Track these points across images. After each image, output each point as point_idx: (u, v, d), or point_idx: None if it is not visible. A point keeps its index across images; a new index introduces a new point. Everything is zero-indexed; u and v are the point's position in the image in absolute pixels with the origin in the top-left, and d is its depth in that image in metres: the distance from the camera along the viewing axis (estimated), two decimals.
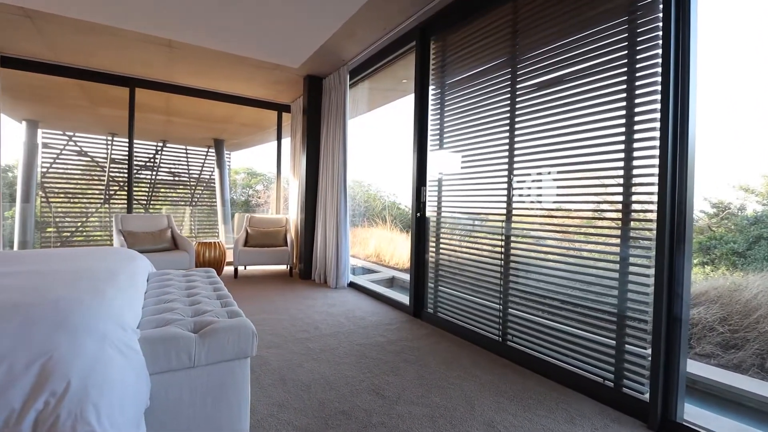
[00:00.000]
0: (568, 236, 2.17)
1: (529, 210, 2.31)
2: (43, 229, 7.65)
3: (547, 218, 2.22)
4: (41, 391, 0.89)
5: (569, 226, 2.18)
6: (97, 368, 0.98)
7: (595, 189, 1.98)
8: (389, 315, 3.23)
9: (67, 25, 3.31)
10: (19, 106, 6.43)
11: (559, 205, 2.17)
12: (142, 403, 1.09)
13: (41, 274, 1.43)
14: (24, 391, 0.89)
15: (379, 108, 5.20)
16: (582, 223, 2.22)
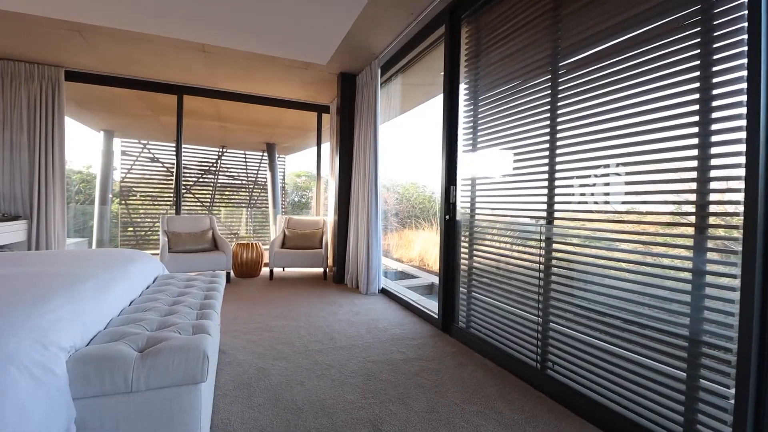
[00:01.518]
0: (626, 243, 1.72)
1: (576, 212, 1.88)
2: (124, 229, 8.45)
3: (599, 221, 1.78)
4: None
5: (625, 233, 1.73)
6: None
7: (658, 186, 1.53)
8: (415, 328, 2.93)
9: (111, 36, 3.49)
10: (96, 117, 7.14)
11: (613, 206, 1.73)
12: (55, 428, 0.94)
13: (9, 278, 1.38)
14: None
15: (425, 103, 4.90)
16: (641, 229, 1.75)
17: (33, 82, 4.19)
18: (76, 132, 10.16)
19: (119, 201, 8.25)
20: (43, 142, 4.24)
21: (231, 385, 1.96)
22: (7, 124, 4.11)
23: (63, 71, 4.31)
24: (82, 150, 9.81)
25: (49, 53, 3.97)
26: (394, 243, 8.50)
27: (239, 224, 9.79)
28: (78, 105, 6.17)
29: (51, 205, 4.33)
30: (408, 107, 4.84)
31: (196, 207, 9.01)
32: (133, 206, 8.34)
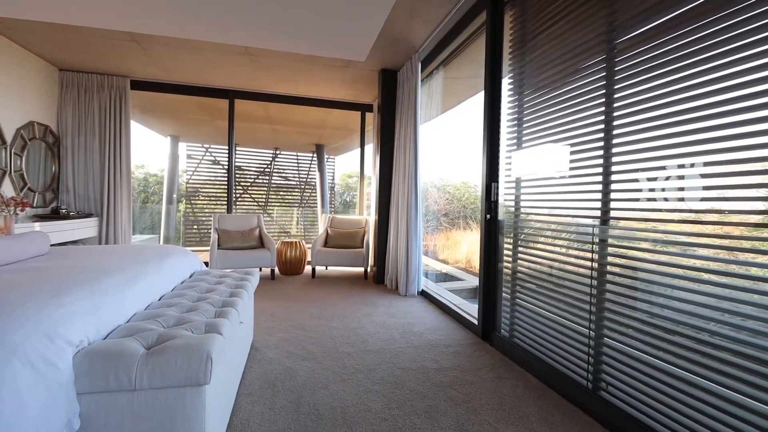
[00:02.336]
0: (704, 248, 1.43)
1: (640, 212, 1.62)
2: (190, 227, 9.11)
3: (668, 222, 1.51)
4: None
5: (704, 235, 1.44)
6: None
7: (745, 179, 1.24)
8: (453, 334, 2.75)
9: (166, 45, 3.71)
10: (162, 123, 7.74)
11: (688, 205, 1.45)
12: (53, 425, 0.94)
13: (43, 271, 1.46)
14: None
15: (474, 97, 4.66)
16: (723, 231, 1.45)
17: (103, 91, 4.60)
18: (147, 137, 11.14)
19: (185, 201, 8.91)
20: (111, 147, 4.64)
21: (257, 383, 1.94)
22: (81, 130, 4.55)
23: (129, 81, 4.68)
24: (155, 154, 10.73)
25: (115, 65, 4.32)
26: (440, 244, 8.27)
27: (291, 223, 10.14)
28: (144, 112, 6.72)
29: (118, 204, 4.72)
30: (455, 102, 4.63)
31: (253, 206, 9.47)
32: (198, 206, 8.93)
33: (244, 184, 9.51)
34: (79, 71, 4.51)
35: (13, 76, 3.77)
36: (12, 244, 1.68)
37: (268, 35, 3.17)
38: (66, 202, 4.57)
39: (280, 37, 3.18)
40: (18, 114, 3.85)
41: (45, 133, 4.29)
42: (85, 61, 4.21)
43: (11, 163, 3.77)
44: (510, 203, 2.45)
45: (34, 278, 1.33)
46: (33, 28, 3.40)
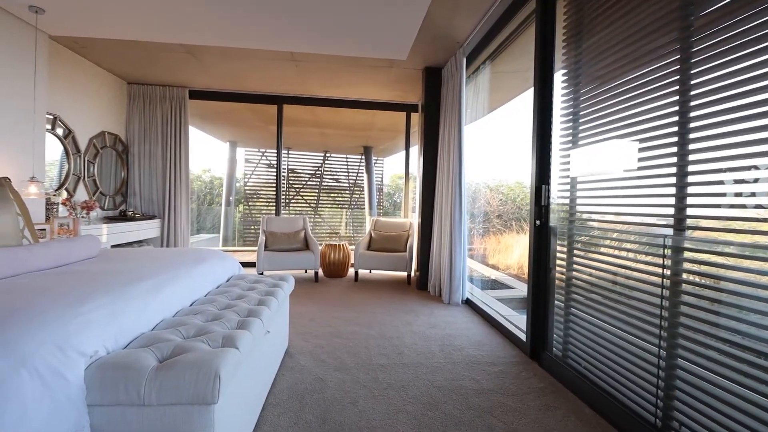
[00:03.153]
0: None
1: (723, 218, 1.33)
2: (248, 228, 9.60)
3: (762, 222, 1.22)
4: None
5: None
6: None
7: None
8: (497, 351, 2.53)
9: (217, 55, 3.86)
10: (221, 130, 8.20)
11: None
12: None
13: (79, 276, 1.51)
14: None
15: (527, 92, 4.34)
16: None
17: (165, 102, 4.93)
18: (210, 143, 11.90)
19: (244, 202, 9.39)
20: (172, 153, 4.96)
21: (286, 394, 1.90)
22: (146, 138, 4.92)
23: (187, 91, 4.98)
24: (218, 159, 11.41)
25: (175, 76, 4.61)
26: (491, 247, 7.89)
27: (340, 224, 10.31)
28: (204, 119, 7.15)
29: (178, 207, 5.04)
30: (508, 97, 4.34)
31: (305, 208, 9.75)
32: (256, 207, 9.36)
33: (296, 186, 9.83)
34: (144, 84, 4.87)
35: (87, 91, 4.15)
36: (59, 248, 1.78)
37: (309, 38, 3.16)
38: (133, 204, 4.96)
39: (319, 38, 3.16)
40: (91, 125, 4.23)
41: (115, 142, 4.69)
42: (148, 74, 4.54)
43: (85, 170, 4.15)
44: (564, 206, 2.19)
45: (67, 284, 1.38)
46: (104, 46, 3.71)
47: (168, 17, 2.87)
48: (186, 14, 2.82)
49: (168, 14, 2.82)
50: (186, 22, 2.94)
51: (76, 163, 4.02)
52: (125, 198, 4.95)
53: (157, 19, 2.90)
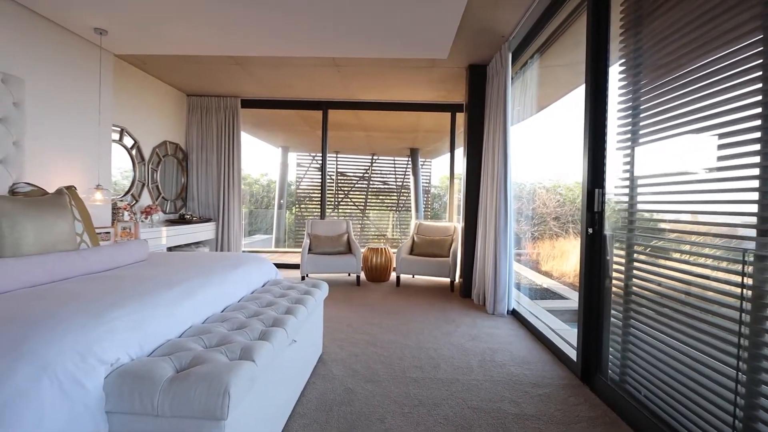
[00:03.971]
0: None
1: None
2: (300, 229, 9.94)
3: None
4: None
5: None
6: (16, 402, 0.89)
7: None
8: (544, 370, 2.32)
9: (263, 64, 4.00)
10: (274, 136, 8.55)
11: None
12: None
13: (118, 281, 1.59)
14: None
15: (582, 87, 4.01)
16: None
17: (220, 111, 5.22)
18: (264, 149, 12.48)
19: (296, 205, 9.74)
20: (225, 159, 5.24)
21: (314, 404, 1.87)
22: (203, 146, 5.24)
23: (239, 100, 5.23)
24: (273, 164, 11.94)
25: (227, 87, 4.86)
26: (545, 253, 7.41)
27: (387, 227, 10.31)
28: (258, 127, 7.50)
29: (232, 210, 5.30)
30: (563, 92, 4.03)
31: (354, 210, 9.89)
32: (308, 209, 9.65)
33: (345, 189, 9.99)
34: (201, 95, 5.20)
35: (151, 103, 4.50)
36: (109, 253, 1.91)
37: (348, 42, 3.14)
38: (191, 208, 5.30)
39: (357, 42, 3.13)
40: (154, 135, 4.58)
41: (176, 150, 5.05)
42: (204, 86, 4.83)
43: (149, 177, 4.50)
44: (623, 211, 1.94)
45: (102, 289, 1.46)
46: (164, 62, 4.00)
47: (217, 32, 3.01)
48: (233, 28, 2.93)
49: (217, 30, 2.96)
50: (234, 36, 3.07)
51: (141, 170, 4.37)
52: (185, 202, 5.30)
53: (207, 35, 3.06)
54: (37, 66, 2.72)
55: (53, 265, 1.61)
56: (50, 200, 1.99)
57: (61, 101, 2.93)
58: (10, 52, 2.54)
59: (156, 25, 2.92)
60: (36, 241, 1.74)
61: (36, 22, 2.72)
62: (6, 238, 1.62)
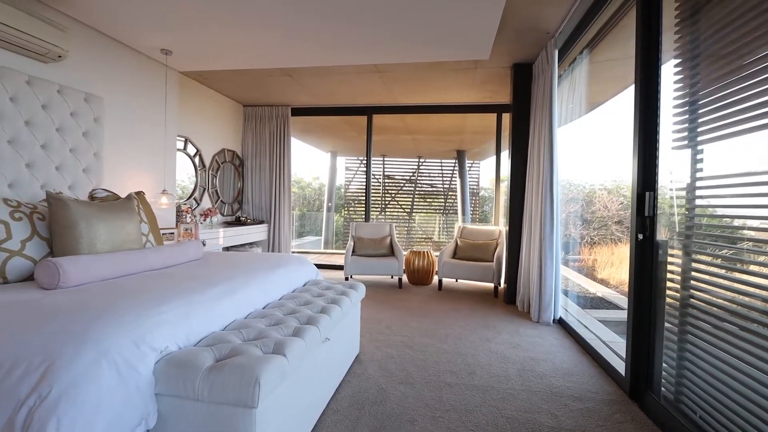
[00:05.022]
0: None
1: None
2: (348, 231, 10.21)
3: None
4: (35, 392, 1.01)
5: None
6: (80, 382, 1.04)
7: None
8: (588, 384, 2.19)
9: (310, 74, 4.19)
10: (323, 141, 8.87)
11: None
12: (126, 423, 1.09)
13: (172, 278, 1.76)
14: (29, 387, 1.03)
15: None
16: None
17: (272, 120, 5.53)
18: (314, 154, 12.94)
19: (344, 208, 10.01)
20: (277, 165, 5.54)
21: (347, 401, 1.93)
22: (257, 153, 5.58)
23: (289, 109, 5.51)
24: (323, 169, 12.36)
25: (279, 97, 5.14)
26: (602, 259, 6.93)
27: (434, 230, 10.24)
28: (307, 133, 7.82)
29: (282, 213, 5.59)
30: (619, 88, 3.78)
31: (401, 213, 9.95)
32: (356, 212, 9.88)
33: (392, 192, 10.08)
34: (255, 105, 5.55)
35: (211, 114, 4.89)
36: (168, 252, 2.12)
37: (387, 49, 3.21)
38: (246, 211, 5.66)
39: (396, 48, 3.18)
40: (214, 143, 4.97)
41: (233, 157, 5.43)
42: (258, 96, 5.15)
43: (209, 182, 4.89)
44: (679, 214, 1.80)
45: (158, 284, 1.63)
46: (222, 76, 4.33)
47: (269, 48, 3.23)
48: (283, 43, 3.13)
49: (269, 45, 3.17)
50: (284, 50, 3.27)
51: (202, 176, 4.76)
52: (240, 205, 5.68)
53: (260, 50, 3.29)
54: (113, 85, 3.09)
55: (119, 262, 1.82)
56: (121, 204, 2.25)
57: (132, 115, 3.30)
58: (92, 74, 2.91)
59: (214, 45, 3.19)
60: (107, 240, 1.98)
61: (112, 46, 3.09)
62: (83, 237, 1.87)
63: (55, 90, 2.56)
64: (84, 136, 2.76)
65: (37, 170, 2.46)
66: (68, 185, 2.66)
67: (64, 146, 2.62)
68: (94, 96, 2.84)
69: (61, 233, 1.86)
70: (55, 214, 1.87)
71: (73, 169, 2.68)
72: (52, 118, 2.54)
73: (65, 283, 1.58)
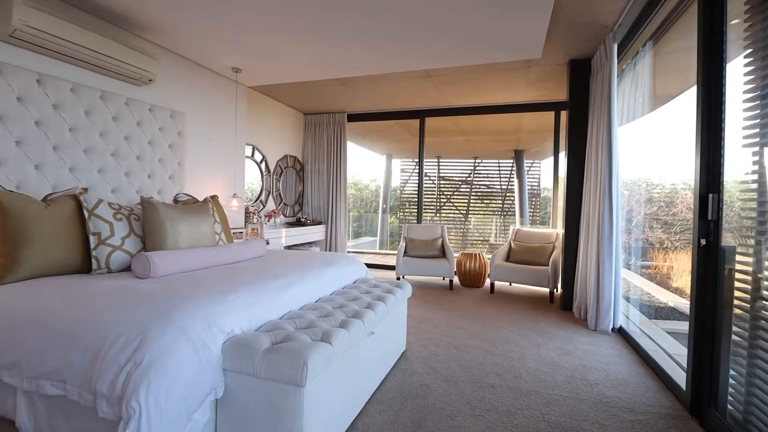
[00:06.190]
0: None
1: None
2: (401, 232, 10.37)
3: None
4: (131, 360, 1.26)
5: None
6: (164, 354, 1.26)
7: None
8: (644, 395, 2.08)
9: (364, 82, 4.38)
10: (379, 145, 9.11)
11: None
12: (199, 391, 1.30)
13: (239, 272, 2.00)
14: (126, 355, 1.28)
15: None
16: None
17: (329, 126, 5.84)
18: (370, 157, 13.26)
19: (400, 209, 10.17)
20: (334, 169, 5.83)
21: (391, 393, 2.04)
22: (316, 158, 5.92)
23: (345, 115, 5.78)
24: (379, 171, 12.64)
25: (335, 105, 5.43)
26: (681, 266, 6.30)
27: (491, 232, 10.02)
28: (364, 137, 8.09)
29: (338, 214, 5.88)
30: (693, 81, 3.49)
31: (456, 215, 9.87)
32: (412, 214, 10.00)
33: (447, 194, 10.03)
34: (314, 113, 5.90)
35: (275, 123, 5.30)
36: (235, 249, 2.40)
37: (437, 54, 3.27)
38: (306, 212, 6.04)
39: (447, 53, 3.24)
40: (277, 150, 5.38)
41: (294, 162, 5.82)
42: (317, 105, 5.49)
43: (273, 186, 5.30)
44: (750, 218, 1.66)
45: (226, 278, 1.87)
46: (285, 88, 4.70)
47: (325, 61, 3.48)
48: (338, 57, 3.36)
49: (324, 60, 3.42)
50: (339, 62, 3.50)
51: (267, 180, 5.18)
52: (301, 207, 6.07)
53: (318, 64, 3.56)
54: (192, 102, 3.52)
55: (197, 257, 2.11)
56: (198, 207, 2.58)
57: (208, 128, 3.72)
58: (175, 93, 3.35)
59: (277, 62, 3.50)
60: (187, 238, 2.30)
61: (192, 68, 3.53)
62: (169, 235, 2.20)
63: (146, 109, 3.00)
64: (170, 148, 3.19)
65: (133, 178, 2.90)
66: (157, 190, 3.09)
67: (153, 157, 3.05)
68: (177, 112, 3.27)
69: (152, 231, 2.20)
70: (147, 215, 2.22)
71: (161, 176, 3.12)
72: (144, 133, 2.98)
73: (155, 273, 1.88)
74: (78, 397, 1.30)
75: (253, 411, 1.37)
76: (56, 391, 1.34)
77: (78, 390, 1.30)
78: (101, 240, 2.05)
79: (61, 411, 1.39)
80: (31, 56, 2.31)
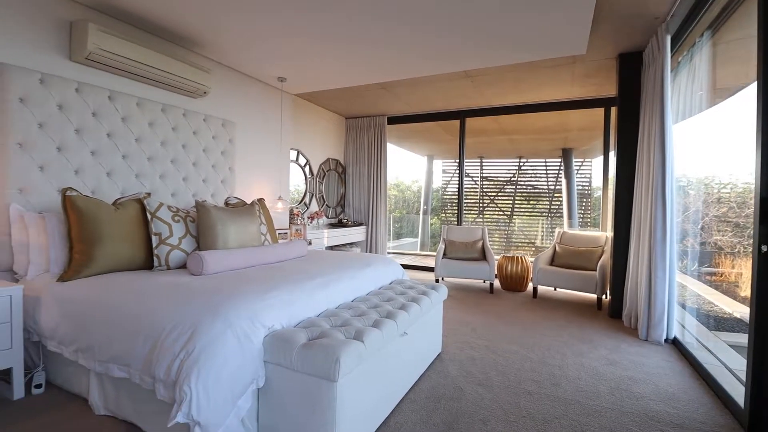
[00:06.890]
0: None
1: None
2: None
3: None
4: (184, 348, 1.40)
5: None
6: (212, 344, 1.39)
7: None
8: (696, 411, 1.94)
9: (404, 85, 4.44)
10: (420, 146, 9.12)
11: None
12: (242, 380, 1.42)
13: (280, 271, 2.13)
14: (180, 344, 1.42)
15: None
16: None
17: (370, 130, 5.96)
18: (411, 159, 13.25)
19: (442, 210, 10.12)
20: (374, 171, 5.94)
21: (425, 393, 2.07)
22: (357, 160, 6.06)
23: (386, 118, 5.86)
24: (420, 173, 12.64)
25: (375, 108, 5.53)
26: (749, 274, 5.69)
27: (537, 234, 9.67)
28: (404, 139, 8.14)
29: (379, 215, 5.97)
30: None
31: (500, 216, 9.63)
32: (454, 215, 9.91)
33: (491, 195, 9.81)
34: (355, 117, 6.04)
35: (318, 128, 5.50)
36: (279, 250, 2.54)
37: (476, 55, 3.25)
38: (348, 214, 6.19)
39: (486, 53, 3.21)
40: (320, 153, 5.57)
41: (336, 165, 6.00)
42: (357, 109, 5.62)
43: (316, 188, 5.50)
44: None
45: (270, 275, 2.00)
46: (327, 94, 4.87)
47: (366, 67, 3.59)
48: (378, 62, 3.45)
49: (364, 65, 3.53)
50: (378, 67, 3.59)
51: (311, 183, 5.39)
52: (343, 208, 6.24)
53: (358, 71, 3.68)
54: (241, 110, 3.77)
55: (244, 256, 2.28)
56: (246, 209, 2.77)
57: (256, 134, 3.95)
58: (228, 103, 3.60)
59: (320, 70, 3.66)
60: (236, 238, 2.48)
61: (241, 79, 3.77)
62: (219, 236, 2.39)
63: (201, 119, 3.26)
64: (222, 155, 3.44)
65: (190, 183, 3.16)
66: (210, 194, 3.34)
67: (207, 163, 3.31)
68: (228, 121, 3.52)
69: (205, 232, 2.39)
70: (200, 217, 2.42)
71: (214, 181, 3.37)
72: (199, 141, 3.24)
73: (207, 271, 2.05)
74: (140, 380, 1.47)
75: (290, 402, 1.47)
76: (122, 374, 1.52)
77: (140, 374, 1.47)
78: (162, 240, 2.27)
79: (126, 392, 1.58)
80: (103, 75, 2.61)
